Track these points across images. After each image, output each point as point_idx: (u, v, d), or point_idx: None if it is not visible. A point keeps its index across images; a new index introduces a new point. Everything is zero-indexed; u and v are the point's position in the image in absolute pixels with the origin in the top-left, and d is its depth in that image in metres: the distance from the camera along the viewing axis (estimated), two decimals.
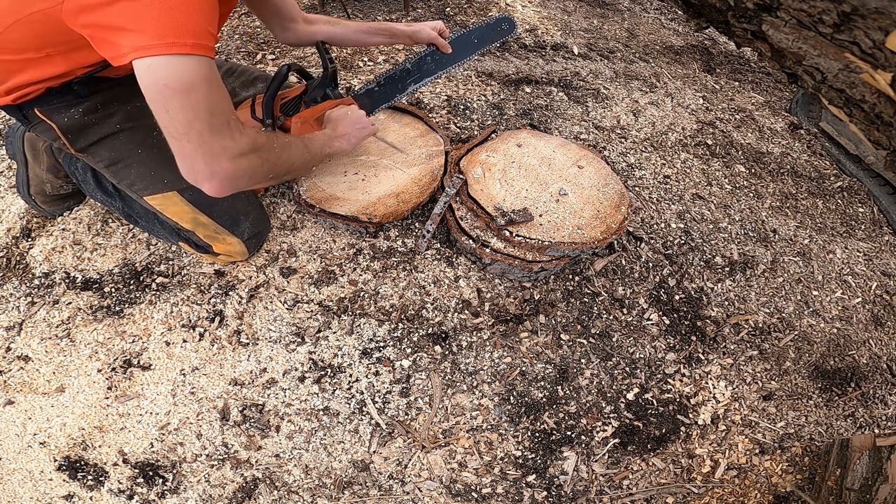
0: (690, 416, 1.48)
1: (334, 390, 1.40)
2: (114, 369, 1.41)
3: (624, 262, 1.70)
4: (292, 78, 1.77)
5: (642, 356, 1.55)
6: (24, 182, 1.58)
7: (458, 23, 2.53)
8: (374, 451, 1.35)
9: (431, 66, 1.61)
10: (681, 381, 1.53)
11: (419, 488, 1.32)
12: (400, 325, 1.50)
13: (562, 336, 1.54)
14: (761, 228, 1.94)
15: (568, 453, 1.39)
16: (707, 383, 1.54)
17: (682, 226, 1.86)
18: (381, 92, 1.61)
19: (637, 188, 1.94)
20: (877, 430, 1.57)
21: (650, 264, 1.72)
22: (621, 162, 2.02)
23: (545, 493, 1.34)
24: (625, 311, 1.61)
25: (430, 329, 1.50)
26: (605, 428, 1.43)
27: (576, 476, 1.36)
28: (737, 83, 2.62)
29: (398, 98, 1.64)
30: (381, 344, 1.47)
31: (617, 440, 1.42)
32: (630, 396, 1.48)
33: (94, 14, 0.89)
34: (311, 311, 1.50)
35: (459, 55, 1.62)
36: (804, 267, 1.86)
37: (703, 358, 1.58)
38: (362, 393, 1.40)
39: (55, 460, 1.32)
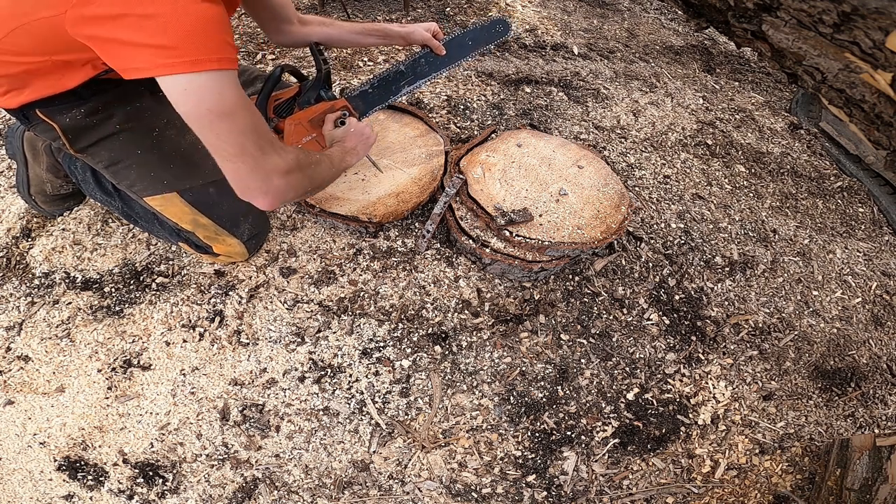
0: (690, 416, 1.48)
1: (334, 390, 1.40)
2: (114, 369, 1.41)
3: (624, 262, 1.70)
4: (292, 79, 1.77)
5: (642, 356, 1.55)
6: (24, 182, 1.57)
7: (457, 23, 2.53)
8: (374, 451, 1.35)
9: (425, 68, 1.61)
10: (681, 381, 1.53)
11: (419, 488, 1.32)
12: (400, 325, 1.50)
13: (562, 336, 1.54)
14: (761, 228, 1.94)
15: (568, 453, 1.39)
16: (707, 383, 1.54)
17: (682, 226, 1.86)
18: (374, 94, 1.61)
19: (637, 188, 1.94)
20: (877, 430, 1.57)
21: (650, 264, 1.72)
22: (621, 162, 2.02)
23: (545, 493, 1.34)
24: (625, 311, 1.61)
25: (430, 329, 1.50)
26: (605, 428, 1.43)
27: (576, 476, 1.36)
28: (737, 83, 2.62)
29: (392, 100, 1.64)
30: (381, 344, 1.47)
31: (617, 440, 1.42)
32: (630, 396, 1.48)
33: (101, 27, 0.88)
34: (311, 311, 1.50)
35: (453, 57, 1.61)
36: (804, 267, 1.86)
37: (703, 358, 1.58)
38: (362, 393, 1.40)
39: (55, 460, 1.32)
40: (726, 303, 1.70)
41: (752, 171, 2.15)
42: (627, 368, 1.52)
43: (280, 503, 1.28)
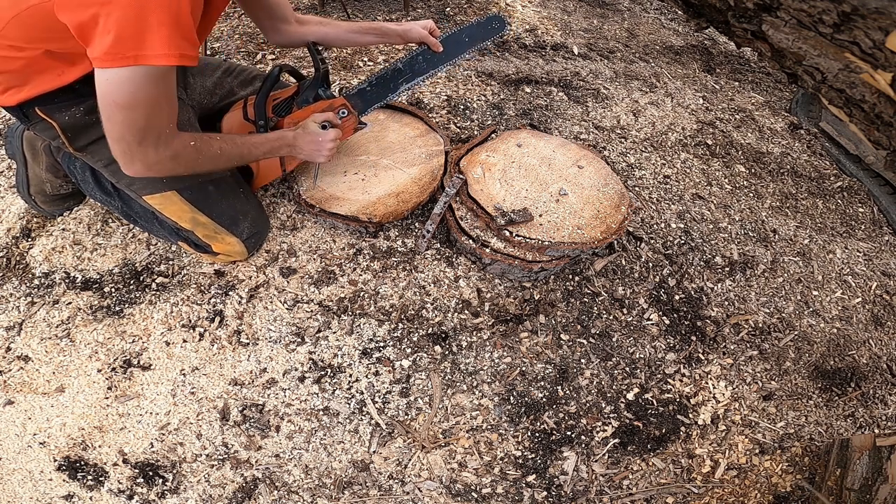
0: (690, 416, 1.48)
1: (334, 390, 1.40)
2: (114, 369, 1.41)
3: (624, 262, 1.70)
4: (291, 79, 1.77)
5: (642, 356, 1.55)
6: (23, 182, 1.57)
7: (457, 22, 2.53)
8: (374, 451, 1.35)
9: (423, 66, 1.61)
10: (681, 381, 1.53)
11: (419, 488, 1.32)
12: (400, 325, 1.50)
13: (562, 336, 1.54)
14: (761, 228, 1.94)
15: (568, 453, 1.39)
16: (707, 383, 1.54)
17: (682, 226, 1.86)
18: (372, 92, 1.61)
19: (637, 188, 1.94)
20: (877, 430, 1.57)
21: (650, 264, 1.72)
22: (621, 162, 2.02)
23: (545, 493, 1.34)
24: (625, 311, 1.61)
25: (430, 329, 1.50)
26: (605, 428, 1.43)
27: (576, 476, 1.36)
28: (737, 83, 2.62)
29: (390, 98, 1.64)
30: (381, 344, 1.47)
31: (617, 440, 1.42)
32: (630, 396, 1.48)
33: (80, 12, 0.92)
34: (311, 311, 1.50)
35: (451, 54, 1.62)
36: (804, 267, 1.86)
37: (703, 358, 1.58)
38: (362, 393, 1.40)
39: (55, 460, 1.32)
40: (726, 303, 1.70)
41: (752, 171, 2.15)
42: (627, 368, 1.52)
43: (280, 503, 1.28)
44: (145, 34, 0.93)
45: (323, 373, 1.42)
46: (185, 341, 1.45)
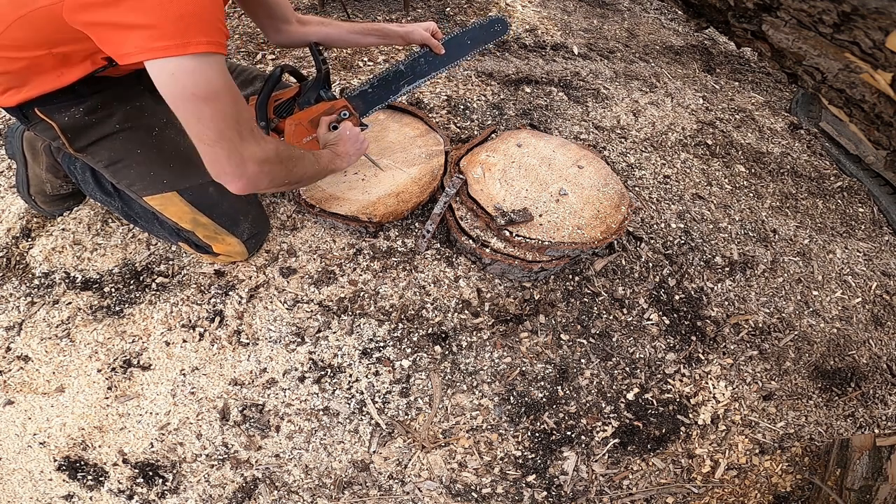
0: (690, 416, 1.48)
1: (334, 390, 1.40)
2: (114, 369, 1.41)
3: (624, 262, 1.70)
4: (292, 79, 1.77)
5: (642, 356, 1.55)
6: (23, 182, 1.57)
7: (458, 23, 2.53)
8: (374, 451, 1.35)
9: (425, 68, 1.61)
10: (681, 381, 1.53)
11: (419, 488, 1.32)
12: (400, 325, 1.50)
13: (562, 336, 1.54)
14: (761, 228, 1.94)
15: (568, 453, 1.39)
16: (707, 383, 1.54)
17: (682, 226, 1.86)
18: (374, 94, 1.61)
19: (637, 188, 1.94)
20: (877, 430, 1.57)
21: (650, 264, 1.72)
22: (621, 162, 2.02)
23: (545, 493, 1.34)
24: (625, 311, 1.61)
25: (430, 329, 1.50)
26: (605, 428, 1.43)
27: (576, 476, 1.36)
28: (737, 83, 2.62)
29: (391, 99, 1.64)
30: (381, 344, 1.47)
31: (617, 440, 1.42)
32: (630, 396, 1.48)
33: (97, 12, 0.89)
34: (311, 311, 1.50)
35: (452, 56, 1.62)
36: (804, 267, 1.86)
37: (703, 358, 1.58)
38: (362, 393, 1.40)
39: (55, 460, 1.32)
40: (726, 303, 1.70)
41: (752, 171, 2.15)
42: (627, 368, 1.52)
43: (280, 503, 1.28)
44: (195, 18, 0.88)
45: (323, 373, 1.42)
46: (185, 341, 1.45)
